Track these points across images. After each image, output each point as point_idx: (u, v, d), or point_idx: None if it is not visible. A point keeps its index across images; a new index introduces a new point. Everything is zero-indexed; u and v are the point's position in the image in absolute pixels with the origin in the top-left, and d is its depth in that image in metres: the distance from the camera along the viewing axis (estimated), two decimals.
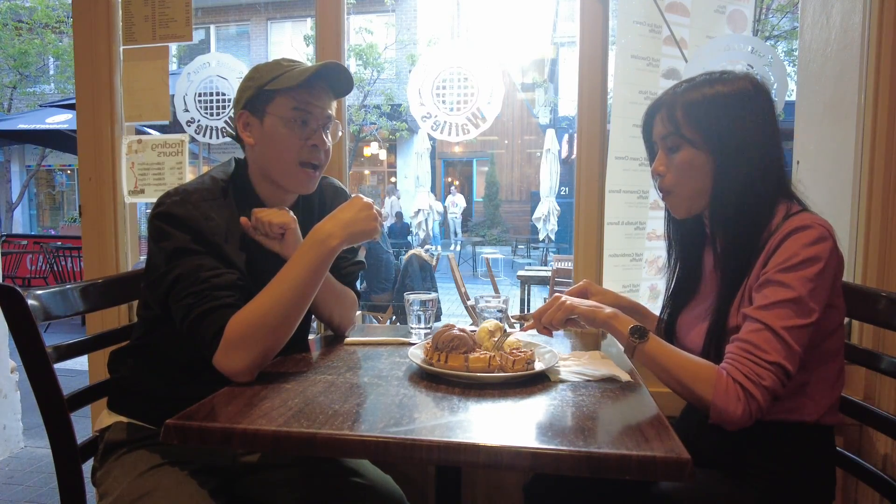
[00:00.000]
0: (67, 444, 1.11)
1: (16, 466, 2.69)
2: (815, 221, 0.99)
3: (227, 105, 1.96)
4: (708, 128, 1.05)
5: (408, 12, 14.29)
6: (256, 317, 1.04)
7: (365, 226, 1.13)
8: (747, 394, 0.94)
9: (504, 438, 0.82)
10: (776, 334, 0.95)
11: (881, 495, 1.15)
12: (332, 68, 1.19)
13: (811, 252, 0.96)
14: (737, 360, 0.97)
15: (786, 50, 7.65)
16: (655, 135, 1.14)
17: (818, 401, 1.05)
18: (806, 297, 0.96)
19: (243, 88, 1.21)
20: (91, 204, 1.93)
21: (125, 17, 1.90)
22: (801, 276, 0.96)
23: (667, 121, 1.09)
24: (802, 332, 0.96)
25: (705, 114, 1.06)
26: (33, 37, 11.54)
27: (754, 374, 0.95)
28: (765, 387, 0.94)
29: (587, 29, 1.70)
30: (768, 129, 1.06)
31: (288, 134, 1.18)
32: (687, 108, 1.07)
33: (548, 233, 9.15)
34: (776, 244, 0.99)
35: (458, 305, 6.46)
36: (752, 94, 1.06)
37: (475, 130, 1.81)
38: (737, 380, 0.95)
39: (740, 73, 1.09)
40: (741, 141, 1.04)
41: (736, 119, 1.05)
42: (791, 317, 0.96)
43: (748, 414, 0.94)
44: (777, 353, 0.95)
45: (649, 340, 1.03)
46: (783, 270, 0.97)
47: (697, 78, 1.10)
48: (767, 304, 0.97)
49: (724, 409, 0.95)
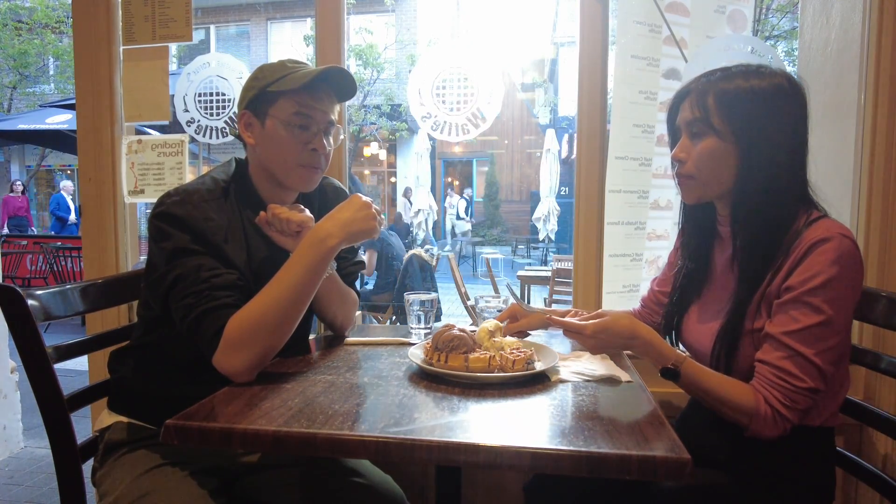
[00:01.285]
0: (67, 444, 1.11)
1: (16, 466, 2.69)
2: (837, 231, 0.97)
3: (227, 105, 1.96)
4: (738, 120, 1.03)
5: (408, 12, 14.28)
6: (256, 317, 1.04)
7: (364, 225, 1.13)
8: (783, 417, 0.97)
9: (504, 438, 0.82)
10: (809, 361, 0.97)
11: (881, 495, 1.15)
12: (336, 72, 1.19)
13: (836, 270, 0.95)
14: (774, 386, 0.98)
15: (786, 50, 7.65)
16: (681, 119, 1.11)
17: (825, 407, 1.06)
18: (835, 318, 0.96)
19: (247, 88, 1.21)
20: (91, 204, 1.93)
21: (125, 18, 1.90)
22: (830, 298, 0.96)
23: (696, 106, 1.06)
24: (832, 352, 0.98)
25: (737, 106, 1.03)
26: (33, 37, 11.55)
27: (791, 401, 0.97)
28: (799, 410, 0.98)
29: (587, 29, 1.70)
30: (799, 131, 1.04)
31: (288, 137, 1.18)
32: (719, 97, 1.04)
33: (548, 233, 9.15)
34: (800, 256, 0.98)
35: (458, 305, 6.46)
36: (788, 92, 1.03)
37: (475, 130, 1.81)
38: (775, 407, 0.97)
39: (777, 70, 1.05)
40: (770, 138, 1.02)
41: (768, 116, 1.02)
42: (823, 340, 0.97)
43: (782, 431, 0.98)
44: (812, 378, 0.97)
45: (685, 363, 1.03)
46: (810, 292, 0.96)
47: (733, 68, 1.07)
48: (798, 329, 0.97)
49: (761, 431, 0.99)
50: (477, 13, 14.11)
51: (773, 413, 0.97)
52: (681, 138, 1.11)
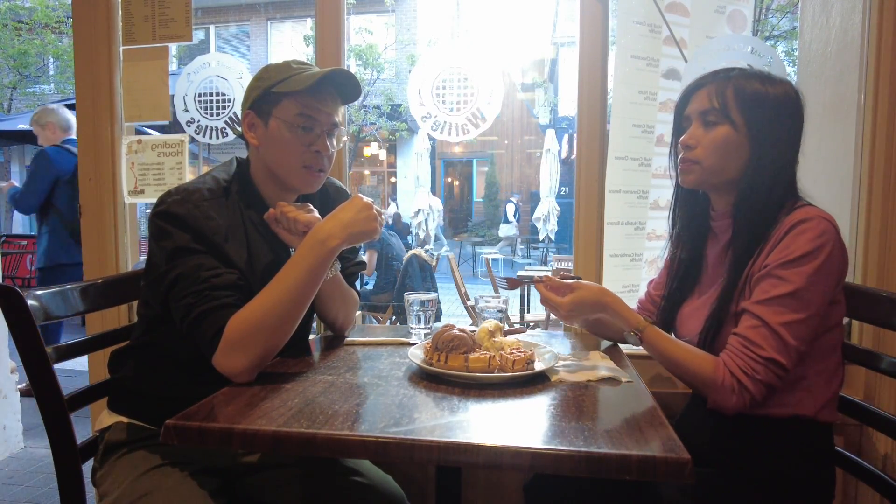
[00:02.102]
0: (67, 445, 1.11)
1: (16, 466, 2.69)
2: (818, 215, 1.02)
3: (227, 105, 1.96)
4: (754, 117, 1.08)
5: (408, 12, 14.28)
6: (256, 317, 1.04)
7: (365, 226, 1.13)
8: (742, 386, 0.99)
9: (504, 438, 0.82)
10: (772, 330, 0.99)
11: (881, 495, 1.15)
12: (341, 74, 1.19)
13: (811, 246, 0.99)
14: (734, 353, 1.02)
15: (786, 50, 7.65)
16: (692, 109, 1.15)
17: (816, 395, 1.06)
18: (803, 291, 0.98)
19: (251, 88, 1.21)
20: (91, 204, 1.93)
21: (125, 18, 1.90)
22: (800, 270, 0.99)
23: (714, 97, 1.11)
24: (800, 326, 0.99)
25: (755, 105, 1.08)
26: (33, 37, 11.54)
27: (750, 368, 0.99)
28: (759, 380, 0.99)
29: (587, 29, 1.70)
30: (798, 136, 1.11)
31: (291, 138, 1.18)
32: (738, 92, 1.09)
33: (548, 233, 9.15)
34: (780, 236, 1.02)
35: (458, 305, 6.46)
36: (795, 100, 1.10)
37: (475, 130, 1.81)
38: (733, 373, 1.00)
39: (784, 79, 1.12)
40: (778, 140, 1.08)
41: (779, 119, 1.09)
42: (787, 312, 0.99)
43: (742, 404, 1.00)
44: (772, 348, 0.99)
45: (647, 329, 1.11)
46: (782, 265, 1.00)
47: (750, 70, 1.13)
48: (765, 299, 1.01)
49: (719, 398, 1.01)
50: (477, 13, 14.11)
51: (732, 380, 1.00)
52: (690, 127, 1.15)
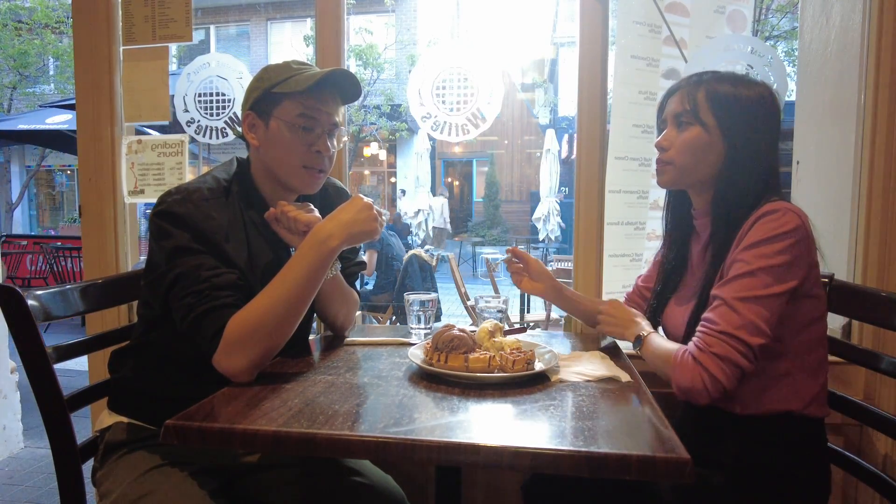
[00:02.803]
0: (67, 445, 1.11)
1: (16, 466, 2.69)
2: (785, 207, 1.03)
3: (227, 105, 1.96)
4: (724, 119, 1.11)
5: (408, 13, 14.28)
6: (256, 317, 1.04)
7: (365, 226, 1.13)
8: (699, 364, 0.99)
9: (504, 438, 0.82)
10: (728, 306, 1.00)
11: (881, 495, 1.15)
12: (341, 75, 1.20)
13: (772, 232, 1.00)
14: (697, 334, 1.03)
15: (786, 50, 7.65)
16: (668, 112, 1.18)
17: (802, 391, 1.07)
18: (760, 271, 1.00)
19: (252, 88, 1.21)
20: (91, 204, 1.93)
21: (125, 18, 1.90)
22: (758, 252, 1.01)
23: (686, 100, 1.14)
24: (757, 303, 0.99)
25: (725, 107, 1.11)
26: (33, 37, 11.53)
27: (704, 343, 1.00)
28: (714, 354, 0.98)
29: (587, 29, 1.70)
30: (774, 138, 1.13)
31: (292, 139, 1.18)
32: (709, 94, 1.12)
33: (548, 233, 9.15)
34: (748, 227, 1.04)
35: (458, 305, 6.46)
36: (769, 103, 1.12)
37: (475, 130, 1.81)
38: (690, 351, 1.01)
39: (760, 81, 1.15)
40: (751, 141, 1.10)
41: (751, 121, 1.11)
42: (743, 289, 1.00)
43: (702, 383, 0.98)
44: (727, 322, 0.99)
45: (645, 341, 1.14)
46: (743, 249, 1.03)
47: (723, 73, 1.16)
48: (725, 281, 1.03)
49: (679, 380, 1.01)
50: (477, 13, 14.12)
51: (687, 357, 1.01)
52: (666, 129, 1.18)
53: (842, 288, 1.28)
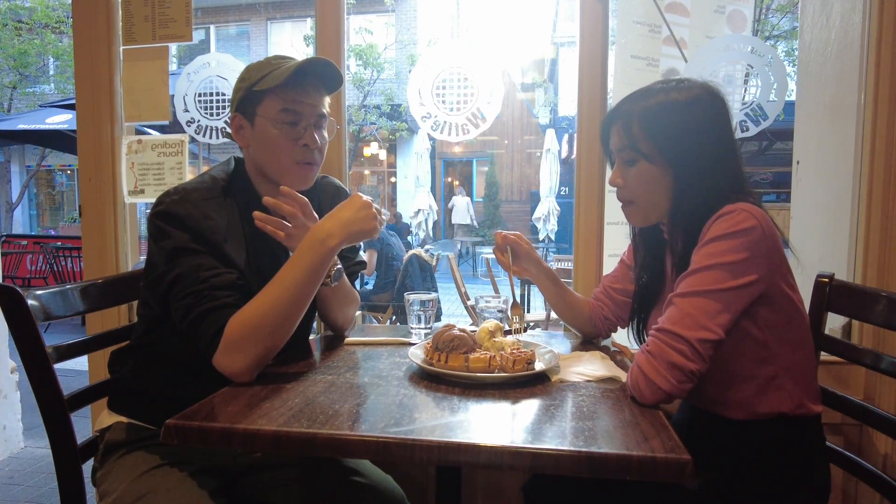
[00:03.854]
0: (67, 445, 1.11)
1: (16, 466, 2.69)
2: (742, 208, 0.99)
3: (226, 105, 1.96)
4: (663, 139, 1.07)
5: (408, 12, 14.27)
6: (256, 317, 1.04)
7: (364, 225, 1.13)
8: (636, 364, 0.99)
9: (504, 438, 0.82)
10: (671, 304, 1.00)
11: (881, 495, 1.15)
12: (318, 63, 1.18)
13: (725, 231, 0.98)
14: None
15: (786, 50, 7.65)
16: (612, 145, 1.15)
17: (791, 391, 1.06)
18: (708, 268, 0.98)
19: (235, 90, 1.21)
20: (91, 204, 1.93)
21: (125, 18, 1.90)
22: (709, 250, 0.99)
23: (623, 134, 1.10)
24: (705, 296, 0.97)
25: (660, 123, 1.07)
26: (33, 37, 11.54)
27: (645, 344, 1.00)
28: (649, 352, 0.98)
29: (587, 29, 1.70)
30: (724, 136, 1.08)
31: (278, 135, 1.17)
32: (642, 120, 1.08)
33: (548, 233, 9.15)
34: (706, 230, 1.01)
35: (458, 305, 6.46)
36: (706, 101, 1.07)
37: (475, 130, 1.81)
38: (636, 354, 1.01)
39: (697, 82, 1.10)
40: (695, 147, 1.06)
41: (690, 126, 1.06)
42: (688, 285, 0.99)
43: (635, 383, 0.97)
44: (666, 319, 0.99)
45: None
46: (695, 251, 1.01)
47: (654, 86, 1.12)
48: (676, 284, 1.02)
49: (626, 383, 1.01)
50: (477, 13, 14.11)
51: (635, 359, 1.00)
52: (615, 163, 1.16)
53: (842, 288, 1.28)
